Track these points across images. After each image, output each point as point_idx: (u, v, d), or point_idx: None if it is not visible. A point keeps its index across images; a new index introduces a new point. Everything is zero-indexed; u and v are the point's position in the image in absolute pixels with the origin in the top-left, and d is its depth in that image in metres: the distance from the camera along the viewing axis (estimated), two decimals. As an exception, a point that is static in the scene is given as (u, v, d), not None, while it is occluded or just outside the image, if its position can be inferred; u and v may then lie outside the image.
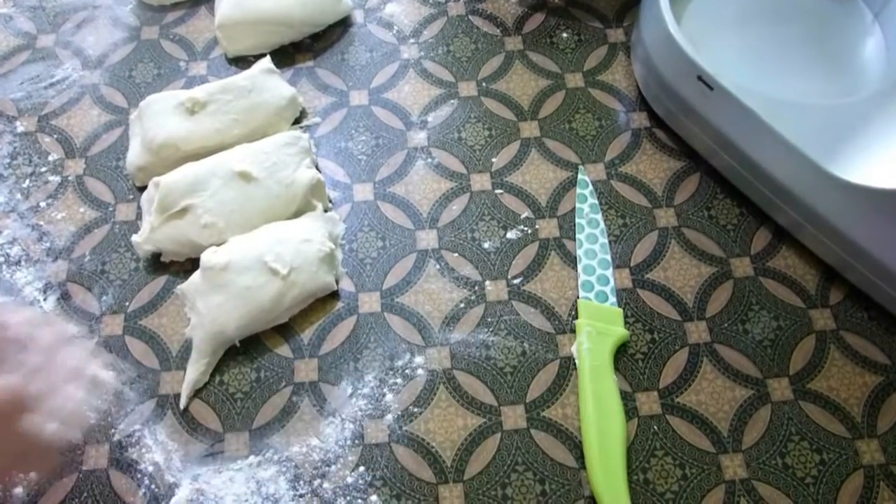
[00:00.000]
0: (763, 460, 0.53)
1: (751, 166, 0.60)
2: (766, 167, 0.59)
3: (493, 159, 0.67)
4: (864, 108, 0.59)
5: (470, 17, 0.75)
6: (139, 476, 0.53)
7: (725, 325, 0.59)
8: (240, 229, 0.60)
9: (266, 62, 0.68)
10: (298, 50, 0.73)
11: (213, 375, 0.57)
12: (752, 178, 0.61)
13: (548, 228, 0.63)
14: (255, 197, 0.61)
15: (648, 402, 0.56)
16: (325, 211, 0.63)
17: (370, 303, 0.60)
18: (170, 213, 0.60)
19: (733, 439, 0.54)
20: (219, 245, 0.59)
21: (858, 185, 0.54)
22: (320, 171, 0.65)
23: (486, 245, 0.62)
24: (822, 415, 0.55)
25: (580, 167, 0.66)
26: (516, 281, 0.61)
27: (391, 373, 0.57)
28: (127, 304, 0.60)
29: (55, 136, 0.68)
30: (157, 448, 0.54)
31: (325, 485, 0.53)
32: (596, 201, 0.64)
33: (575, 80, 0.71)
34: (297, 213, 0.62)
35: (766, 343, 0.58)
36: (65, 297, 0.60)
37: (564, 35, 0.74)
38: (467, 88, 0.71)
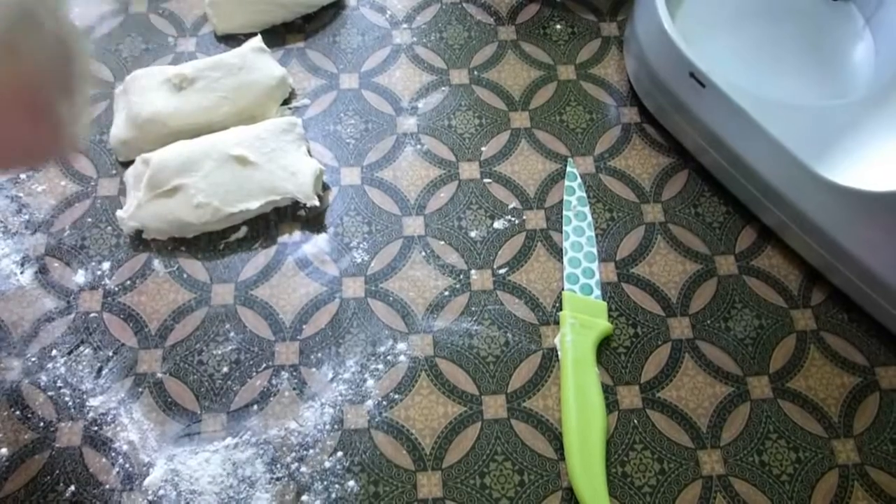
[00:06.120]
0: (740, 457, 0.54)
1: (739, 165, 0.60)
2: (755, 166, 0.59)
3: (483, 148, 0.66)
4: (853, 110, 0.59)
5: (464, 4, 0.75)
6: (113, 455, 0.53)
7: (708, 321, 0.59)
8: (239, 203, 0.59)
9: (257, 41, 0.67)
10: (289, 30, 0.72)
11: (191, 355, 0.56)
12: (740, 177, 0.61)
13: (535, 219, 0.63)
14: (254, 178, 0.60)
15: (629, 396, 0.56)
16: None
17: (354, 287, 0.59)
18: (159, 191, 0.59)
19: (712, 435, 0.54)
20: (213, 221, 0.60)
21: (845, 187, 0.54)
22: (310, 155, 0.64)
23: (472, 234, 0.62)
24: (800, 414, 0.55)
25: (569, 159, 0.66)
26: (502, 271, 0.61)
27: (373, 358, 0.57)
28: (106, 280, 0.59)
29: (37, 107, 0.67)
30: (133, 427, 0.54)
31: (303, 469, 0.52)
32: (584, 194, 0.64)
33: (567, 72, 0.71)
34: None
35: (748, 341, 0.58)
36: (42, 271, 0.59)
37: (558, 27, 0.73)
38: (459, 76, 0.70)
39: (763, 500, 0.52)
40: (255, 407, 0.55)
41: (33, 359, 0.56)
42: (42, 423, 0.54)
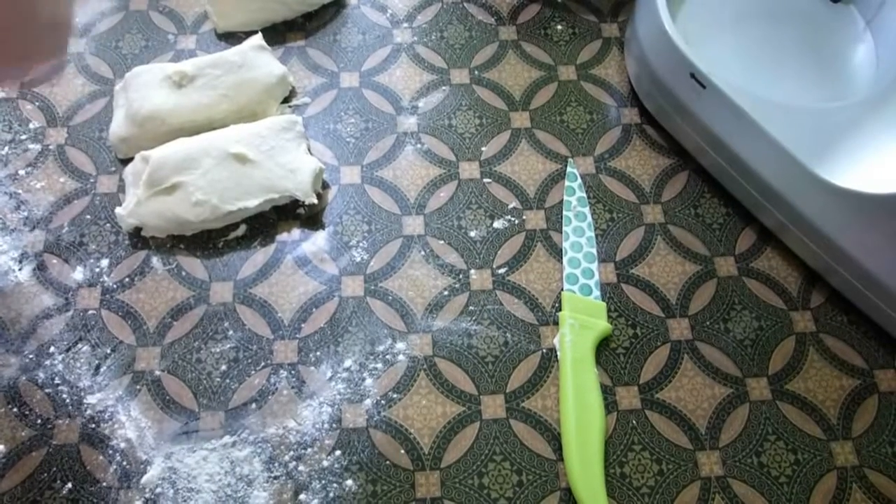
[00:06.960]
0: (739, 458, 0.54)
1: (739, 166, 0.60)
2: (755, 167, 0.59)
3: (483, 148, 0.66)
4: (853, 113, 0.59)
5: (465, 4, 0.75)
6: (111, 452, 0.53)
7: (707, 323, 0.59)
8: (237, 201, 0.59)
9: (257, 39, 0.67)
10: (290, 29, 0.72)
11: (189, 353, 0.56)
12: (740, 178, 0.61)
13: (535, 220, 0.63)
14: (254, 176, 0.60)
15: (628, 397, 0.56)
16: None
17: (353, 286, 0.59)
18: (158, 189, 0.59)
19: (710, 437, 0.54)
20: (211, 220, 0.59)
21: (845, 189, 0.54)
22: (310, 153, 0.64)
23: (472, 234, 0.62)
24: (799, 415, 0.55)
25: (569, 160, 0.66)
26: (501, 271, 0.60)
27: (372, 357, 0.56)
28: (104, 277, 0.59)
29: (37, 103, 0.67)
30: (130, 424, 0.54)
31: (301, 467, 0.52)
32: (584, 195, 0.64)
33: (568, 72, 0.71)
34: None
35: (747, 343, 0.58)
36: (41, 268, 0.59)
37: (559, 27, 0.73)
38: (460, 76, 0.70)
39: (761, 502, 0.52)
40: (254, 405, 0.55)
41: (31, 356, 0.56)
42: (39, 420, 0.54)
